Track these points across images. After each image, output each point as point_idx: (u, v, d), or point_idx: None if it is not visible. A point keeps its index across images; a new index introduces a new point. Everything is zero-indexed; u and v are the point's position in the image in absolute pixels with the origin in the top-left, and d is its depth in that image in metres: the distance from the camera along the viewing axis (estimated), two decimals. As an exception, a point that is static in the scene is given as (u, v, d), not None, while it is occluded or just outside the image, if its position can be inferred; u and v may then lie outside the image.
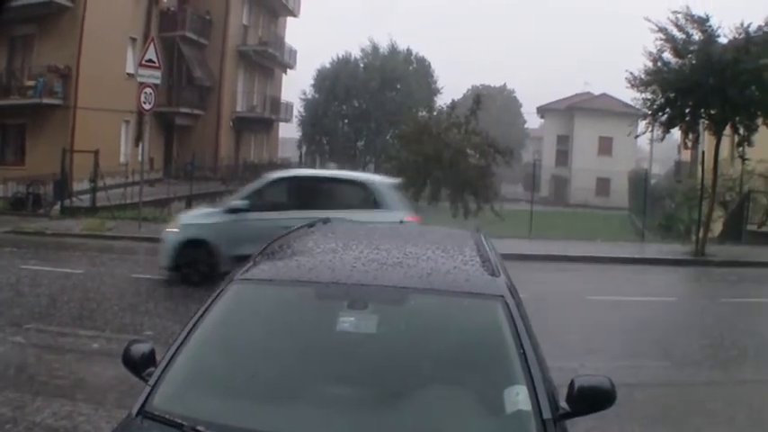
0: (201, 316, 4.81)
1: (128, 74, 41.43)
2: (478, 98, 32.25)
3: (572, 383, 4.44)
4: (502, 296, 4.91)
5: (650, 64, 26.10)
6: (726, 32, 25.43)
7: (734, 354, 13.24)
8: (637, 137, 29.96)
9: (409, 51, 79.81)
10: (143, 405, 4.26)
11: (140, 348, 4.78)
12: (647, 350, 13.47)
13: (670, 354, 13.18)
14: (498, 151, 30.46)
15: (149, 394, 4.33)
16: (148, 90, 26.68)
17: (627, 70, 26.42)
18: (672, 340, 14.46)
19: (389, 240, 6.23)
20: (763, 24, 25.10)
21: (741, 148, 26.24)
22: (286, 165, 59.39)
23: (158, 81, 27.50)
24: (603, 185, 77.02)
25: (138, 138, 42.56)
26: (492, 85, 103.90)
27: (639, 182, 42.53)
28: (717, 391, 11.20)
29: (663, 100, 26.16)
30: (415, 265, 5.38)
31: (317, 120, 72.45)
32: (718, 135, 26.44)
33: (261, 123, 62.03)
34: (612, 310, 16.89)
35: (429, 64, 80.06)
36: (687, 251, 27.00)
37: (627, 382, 10.04)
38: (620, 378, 10.36)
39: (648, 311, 17.07)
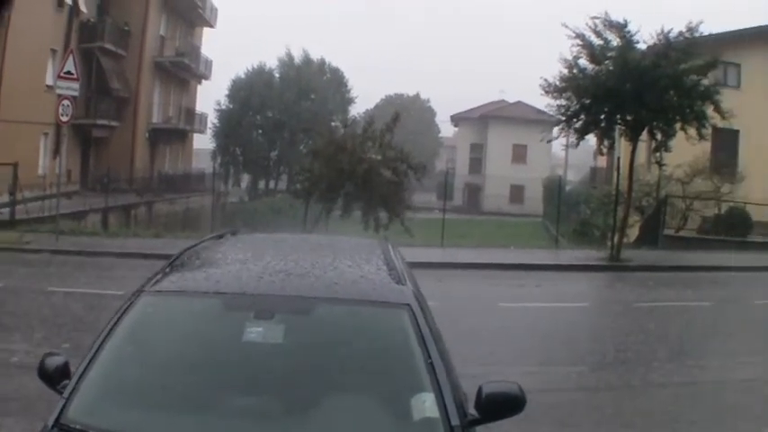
0: (112, 328, 4.77)
1: (47, 86, 40.36)
2: (397, 116, 32.04)
3: (479, 390, 4.46)
4: (408, 304, 4.91)
5: (566, 71, 26.05)
6: (645, 38, 25.64)
7: (647, 358, 13.25)
8: (549, 141, 30.08)
9: (323, 61, 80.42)
10: (58, 417, 4.23)
11: (55, 361, 4.76)
12: (560, 356, 13.42)
13: (583, 359, 13.11)
14: (411, 167, 30.26)
15: (64, 406, 4.29)
16: (66, 102, 26.03)
17: (542, 77, 26.39)
18: (585, 345, 14.49)
19: (297, 251, 6.33)
20: (684, 30, 25.28)
21: (658, 154, 26.37)
22: (200, 176, 59.11)
23: (76, 93, 26.94)
24: (517, 193, 77.57)
25: (57, 150, 41.58)
26: (406, 94, 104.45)
27: (554, 188, 42.53)
28: (630, 395, 11.26)
29: (578, 106, 26.14)
30: (322, 275, 5.42)
31: (232, 130, 72.12)
32: (634, 141, 26.51)
33: (176, 135, 61.35)
34: (525, 317, 16.79)
35: (343, 74, 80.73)
36: (602, 257, 26.99)
37: (540, 387, 10.09)
38: (532, 384, 10.31)
39: (561, 317, 17.08)
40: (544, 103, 27.70)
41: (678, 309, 18.41)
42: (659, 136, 25.82)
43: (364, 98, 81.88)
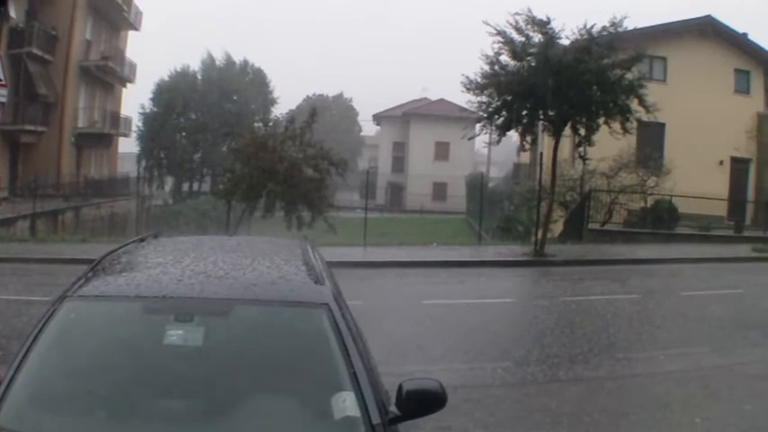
0: (37, 335, 4.75)
1: (-22, 93, 39.61)
2: (314, 111, 31.97)
3: (400, 387, 4.49)
4: (326, 304, 4.98)
5: (487, 67, 26.02)
6: (568, 34, 25.68)
7: (574, 352, 13.24)
8: (470, 138, 30.00)
9: (246, 62, 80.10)
10: None
11: None
12: (486, 352, 13.28)
13: (509, 354, 13.02)
14: (332, 163, 30.09)
15: None
16: (-6, 109, 25.52)
17: (463, 74, 26.33)
18: (510, 341, 14.36)
19: (217, 253, 6.32)
20: (607, 25, 25.35)
21: (581, 149, 26.45)
22: (125, 180, 58.38)
23: (5, 99, 26.08)
24: (440, 190, 77.68)
25: (-14, 157, 40.92)
26: (328, 94, 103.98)
27: (477, 185, 42.62)
28: (558, 389, 11.20)
29: (499, 103, 26.17)
30: (242, 277, 5.46)
31: (156, 133, 71.16)
32: (556, 136, 26.53)
33: (101, 139, 60.28)
34: (449, 314, 16.64)
35: (265, 74, 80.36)
36: (526, 252, 27.00)
37: (466, 383, 10.61)
38: (459, 380, 10.31)
39: (486, 313, 16.87)
40: (466, 100, 27.71)
41: (604, 302, 18.42)
42: (582, 131, 25.92)
43: (287, 99, 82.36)
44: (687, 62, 38.63)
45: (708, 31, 39.93)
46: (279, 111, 76.70)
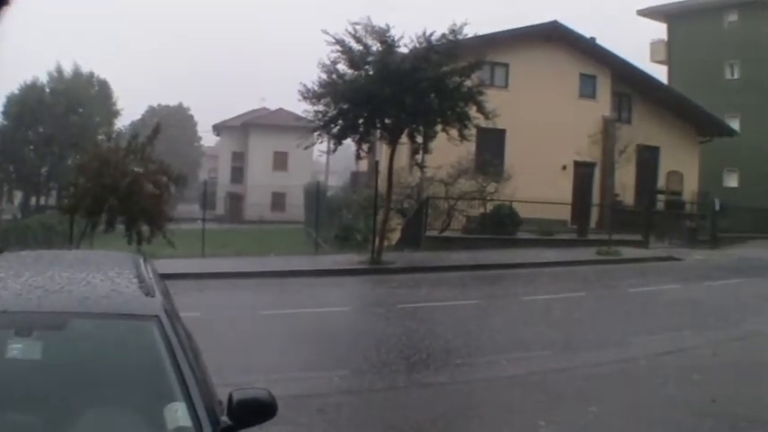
0: None
1: None
2: (158, 127, 31.30)
3: (230, 397, 4.53)
4: (157, 316, 4.99)
5: (324, 76, 25.83)
6: (407, 42, 25.62)
7: (413, 359, 13.20)
8: (306, 148, 29.78)
9: (92, 74, 79.54)
10: None
11: None
12: (324, 360, 13.23)
13: (347, 362, 12.95)
14: (171, 179, 29.54)
15: None
16: None
17: (301, 83, 26.11)
18: (348, 349, 14.36)
19: (55, 267, 6.23)
20: (446, 32, 25.35)
21: (418, 156, 26.40)
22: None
23: None
24: (279, 200, 77.30)
25: None
26: (169, 105, 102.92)
27: (314, 194, 42.40)
28: (396, 396, 11.27)
29: (335, 111, 26.01)
30: (76, 290, 5.41)
31: (5, 147, 70.23)
32: (392, 144, 26.52)
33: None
34: (287, 324, 16.50)
35: (109, 86, 79.90)
36: (363, 260, 26.78)
37: (305, 393, 10.55)
38: (297, 389, 10.08)
39: (323, 322, 16.83)
40: (303, 109, 27.50)
41: (443, 308, 18.50)
42: (420, 138, 25.85)
43: (130, 110, 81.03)
44: (531, 68, 38.86)
45: (553, 36, 40.28)
46: (123, 122, 77.58)
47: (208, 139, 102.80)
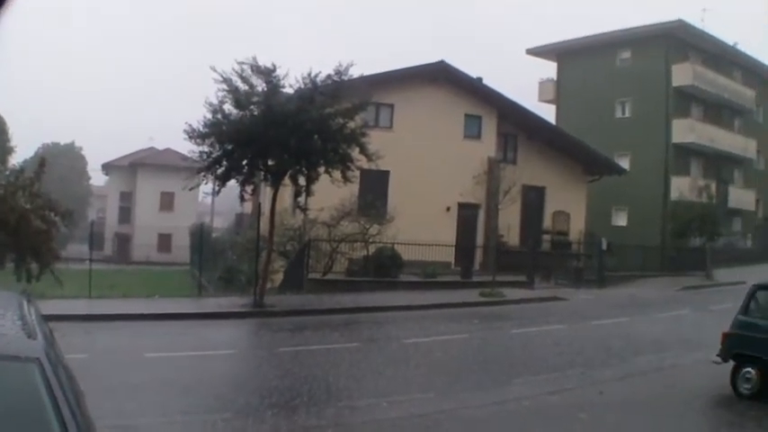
0: None
1: None
2: (43, 161, 30.81)
3: None
4: (38, 358, 4.86)
5: (210, 116, 25.51)
6: (293, 82, 25.58)
7: (295, 401, 13.17)
8: (191, 189, 29.47)
9: None
10: None
11: None
12: (206, 403, 13.20)
13: (229, 405, 12.90)
14: (59, 214, 29.08)
15: None
16: None
17: (186, 122, 25.75)
18: (230, 392, 14.35)
19: None
20: (332, 73, 25.40)
21: (300, 198, 26.32)
22: None
23: None
24: (165, 241, 76.63)
25: None
26: (61, 143, 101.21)
27: (199, 235, 42.04)
28: None
29: (220, 152, 25.73)
30: None
31: None
32: (275, 186, 26.48)
33: None
34: (170, 367, 16.44)
35: (5, 122, 78.33)
36: (246, 303, 26.58)
37: None
38: None
39: (206, 365, 16.80)
40: (189, 149, 27.05)
41: (324, 351, 18.53)
42: (302, 180, 25.81)
43: (24, 148, 79.83)
44: (416, 108, 38.85)
45: (440, 76, 40.34)
46: (17, 159, 74.99)
47: (98, 178, 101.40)
